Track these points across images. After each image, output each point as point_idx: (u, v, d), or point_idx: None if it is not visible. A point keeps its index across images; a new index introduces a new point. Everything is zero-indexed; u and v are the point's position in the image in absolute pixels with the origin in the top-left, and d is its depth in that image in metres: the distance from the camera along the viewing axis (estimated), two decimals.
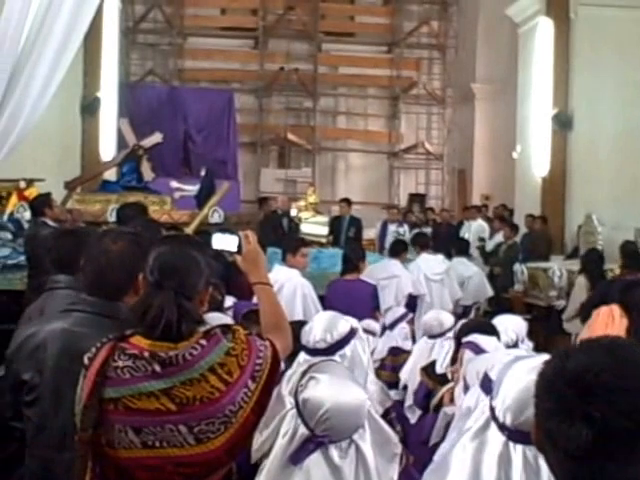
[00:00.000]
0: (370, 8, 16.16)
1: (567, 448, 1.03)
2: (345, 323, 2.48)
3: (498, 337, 3.26)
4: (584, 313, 6.53)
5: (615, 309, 2.75)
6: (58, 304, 2.34)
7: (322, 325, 2.44)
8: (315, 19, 15.33)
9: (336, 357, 2.37)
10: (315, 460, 1.80)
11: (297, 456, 1.81)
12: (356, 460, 1.83)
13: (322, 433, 1.79)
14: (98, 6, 6.30)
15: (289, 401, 1.92)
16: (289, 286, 5.35)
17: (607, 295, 6.94)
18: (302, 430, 1.82)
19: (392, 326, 4.91)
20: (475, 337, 3.01)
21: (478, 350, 2.88)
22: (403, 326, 4.91)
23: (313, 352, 2.38)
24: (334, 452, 1.80)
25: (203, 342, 1.83)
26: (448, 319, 4.18)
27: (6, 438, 2.35)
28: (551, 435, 1.05)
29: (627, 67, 10.67)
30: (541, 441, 1.10)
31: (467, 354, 2.91)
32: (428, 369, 3.64)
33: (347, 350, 2.40)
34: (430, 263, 7.14)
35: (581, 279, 7.03)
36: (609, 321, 2.76)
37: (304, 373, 1.89)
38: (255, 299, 2.37)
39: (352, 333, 2.45)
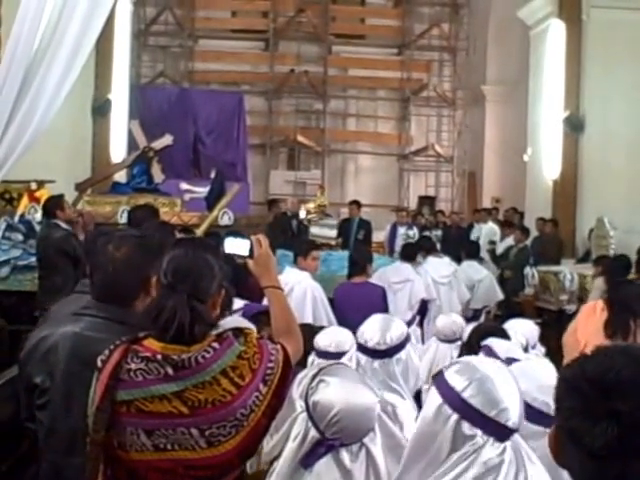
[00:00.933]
0: (380, 10, 16.14)
1: (592, 446, 1.03)
2: (401, 325, 2.50)
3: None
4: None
5: (598, 304, 2.82)
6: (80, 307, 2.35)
7: (379, 327, 2.45)
8: (325, 21, 15.33)
9: (393, 360, 2.40)
10: (326, 464, 1.80)
11: (308, 459, 1.81)
12: (367, 463, 1.82)
13: (333, 436, 1.80)
14: (111, 9, 6.34)
15: (300, 404, 1.92)
16: (299, 289, 5.36)
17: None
18: (313, 433, 1.82)
19: None
20: (491, 341, 3.02)
21: (491, 354, 2.87)
22: (414, 329, 4.91)
23: (372, 353, 2.40)
24: (345, 455, 1.80)
25: (215, 345, 1.84)
26: (462, 322, 4.18)
27: (20, 438, 2.36)
28: (575, 434, 1.05)
29: (639, 69, 10.64)
30: (558, 446, 1.10)
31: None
32: None
33: (403, 354, 2.42)
34: (437, 266, 7.14)
35: (599, 281, 7.01)
36: (591, 313, 2.80)
37: (314, 376, 1.89)
38: (265, 301, 2.38)
39: (408, 338, 2.47)
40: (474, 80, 15.06)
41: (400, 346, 2.42)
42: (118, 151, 11.13)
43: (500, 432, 1.47)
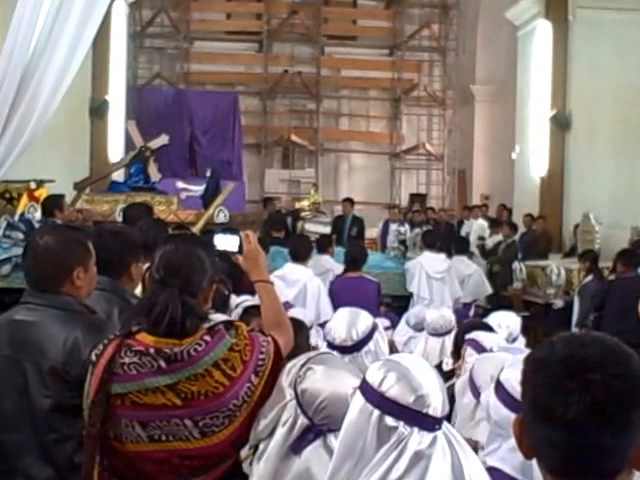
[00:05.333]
0: (372, 12, 16.30)
1: (565, 417, 1.03)
2: (366, 318, 2.51)
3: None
4: (594, 309, 6.70)
5: None
6: (94, 304, 2.44)
7: (345, 323, 2.46)
8: (318, 23, 15.46)
9: (362, 354, 2.41)
10: (314, 448, 1.84)
11: (297, 445, 1.85)
12: None
13: (321, 422, 1.84)
14: (106, 11, 6.45)
15: (289, 393, 1.92)
16: (312, 286, 5.54)
17: (610, 292, 7.19)
18: (302, 420, 1.86)
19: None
20: (477, 334, 3.08)
21: (479, 347, 2.94)
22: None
23: (340, 350, 2.42)
24: (333, 440, 1.83)
25: (207, 338, 1.88)
26: (451, 315, 4.25)
27: None
28: (546, 409, 1.05)
29: (624, 69, 10.82)
30: (523, 432, 1.10)
31: (468, 351, 2.97)
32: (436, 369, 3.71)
33: (371, 345, 2.43)
34: (432, 261, 7.18)
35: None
36: None
37: (302, 365, 1.94)
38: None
39: (374, 328, 2.48)
40: (463, 80, 15.19)
41: (367, 339, 2.43)
42: (116, 151, 11.26)
43: (421, 420, 1.45)
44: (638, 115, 10.76)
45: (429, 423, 1.45)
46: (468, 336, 3.11)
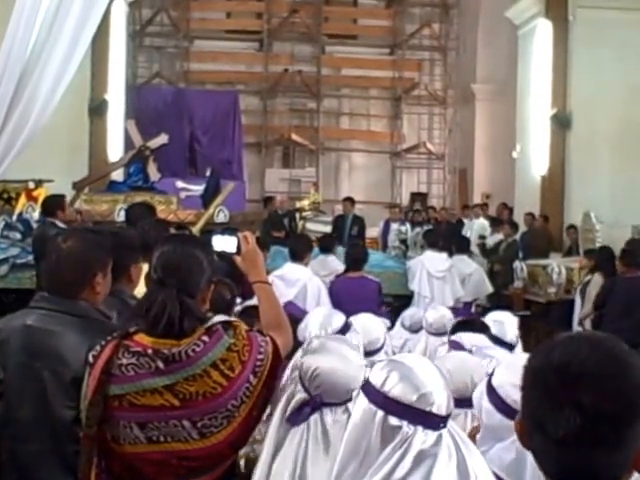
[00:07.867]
0: (372, 11, 16.33)
1: (556, 434, 1.03)
2: (339, 317, 2.54)
3: (488, 333, 3.29)
4: (595, 308, 6.61)
5: None
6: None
7: (317, 321, 2.49)
8: (319, 22, 15.49)
9: None
10: (311, 421, 1.85)
11: (294, 418, 1.86)
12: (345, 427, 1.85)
13: (315, 392, 1.85)
14: (106, 10, 6.43)
15: (294, 374, 1.97)
16: (312, 285, 5.50)
17: (612, 291, 7.11)
18: (300, 394, 1.88)
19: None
20: (459, 336, 3.09)
21: (459, 348, 2.94)
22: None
23: None
24: (328, 415, 1.86)
25: (205, 338, 1.88)
26: (451, 315, 4.23)
27: None
28: (540, 423, 1.06)
29: (624, 68, 10.83)
30: (523, 432, 1.11)
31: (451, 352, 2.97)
32: None
33: None
34: (434, 261, 7.19)
35: (597, 277, 7.16)
36: None
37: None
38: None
39: (346, 327, 2.50)
40: (464, 79, 15.23)
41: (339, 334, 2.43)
42: (115, 150, 11.24)
43: (425, 419, 1.45)
44: (638, 114, 10.76)
45: (433, 421, 1.45)
46: (452, 338, 3.13)
